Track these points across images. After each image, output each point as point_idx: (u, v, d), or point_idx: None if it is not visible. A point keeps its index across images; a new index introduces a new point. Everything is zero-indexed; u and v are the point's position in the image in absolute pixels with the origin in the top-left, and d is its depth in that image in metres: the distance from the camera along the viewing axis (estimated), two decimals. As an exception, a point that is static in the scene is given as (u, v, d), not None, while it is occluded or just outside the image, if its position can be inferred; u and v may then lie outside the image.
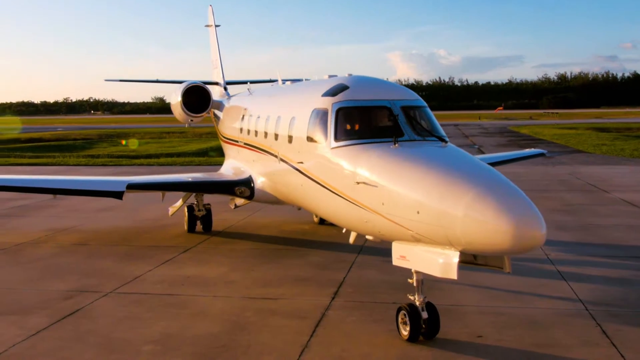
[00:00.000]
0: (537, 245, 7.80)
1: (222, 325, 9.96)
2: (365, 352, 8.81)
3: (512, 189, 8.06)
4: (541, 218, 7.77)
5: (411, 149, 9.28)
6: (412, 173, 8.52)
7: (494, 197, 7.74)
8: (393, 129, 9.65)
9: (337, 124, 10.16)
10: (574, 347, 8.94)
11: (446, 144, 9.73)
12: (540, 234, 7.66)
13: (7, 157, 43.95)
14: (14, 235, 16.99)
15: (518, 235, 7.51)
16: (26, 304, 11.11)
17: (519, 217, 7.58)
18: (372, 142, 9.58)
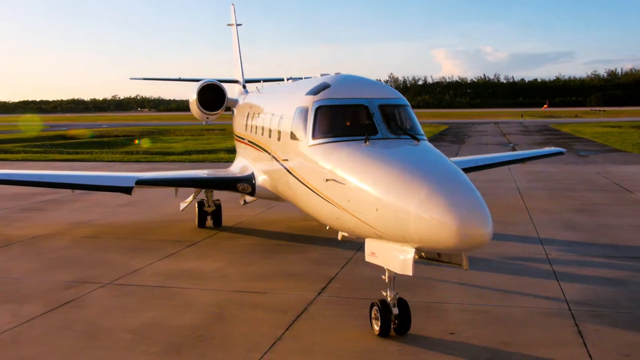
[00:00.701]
0: (482, 243, 7.88)
1: (203, 316, 10.28)
2: (334, 346, 8.99)
3: (466, 189, 8.15)
4: (488, 217, 7.85)
5: (380, 147, 9.42)
6: (374, 171, 8.68)
7: (444, 196, 7.85)
8: (368, 127, 9.81)
9: (315, 122, 10.38)
10: (543, 346, 8.93)
11: (419, 142, 9.80)
12: (485, 232, 7.74)
13: (47, 152, 45.53)
14: (35, 228, 17.73)
15: (463, 233, 7.61)
16: (26, 292, 11.66)
17: (464, 215, 7.67)
18: (345, 140, 9.76)
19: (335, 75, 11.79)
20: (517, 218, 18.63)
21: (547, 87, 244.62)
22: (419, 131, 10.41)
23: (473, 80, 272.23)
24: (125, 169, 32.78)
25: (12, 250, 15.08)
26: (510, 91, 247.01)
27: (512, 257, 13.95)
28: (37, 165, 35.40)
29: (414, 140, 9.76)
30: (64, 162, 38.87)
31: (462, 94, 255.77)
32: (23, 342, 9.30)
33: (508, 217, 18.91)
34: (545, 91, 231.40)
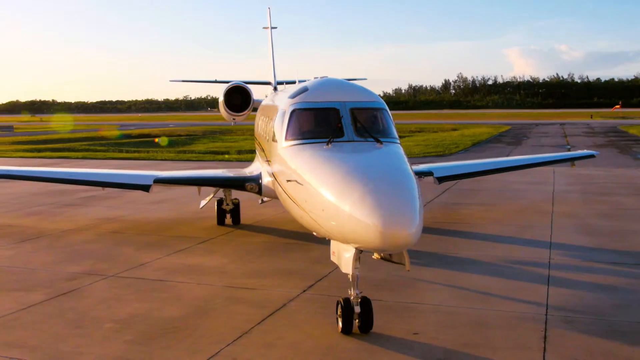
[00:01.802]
0: (405, 244, 8.07)
1: (187, 309, 10.82)
2: (297, 341, 9.32)
3: (399, 192, 8.34)
4: (412, 219, 8.02)
5: (339, 149, 9.69)
6: (324, 172, 8.99)
7: (374, 197, 8.09)
8: (336, 130, 10.09)
9: (289, 124, 10.75)
10: (503, 349, 8.96)
11: (381, 145, 9.99)
12: (407, 233, 7.92)
13: (106, 151, 47.67)
14: (66, 223, 18.84)
15: (386, 234, 7.86)
16: (35, 282, 12.53)
17: (387, 217, 7.89)
18: (311, 143, 10.09)
19: (321, 78, 12.10)
20: (536, 222, 18.35)
21: (624, 86, 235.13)
22: (389, 134, 10.62)
23: (545, 80, 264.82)
24: (168, 167, 33.94)
25: (39, 243, 16.14)
26: (584, 91, 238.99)
27: (511, 261, 13.84)
28: (84, 164, 37.21)
29: (377, 143, 9.96)
30: (118, 160, 40.68)
31: (533, 94, 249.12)
32: (17, 326, 10.07)
33: (528, 220, 18.69)
34: (622, 91, 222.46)
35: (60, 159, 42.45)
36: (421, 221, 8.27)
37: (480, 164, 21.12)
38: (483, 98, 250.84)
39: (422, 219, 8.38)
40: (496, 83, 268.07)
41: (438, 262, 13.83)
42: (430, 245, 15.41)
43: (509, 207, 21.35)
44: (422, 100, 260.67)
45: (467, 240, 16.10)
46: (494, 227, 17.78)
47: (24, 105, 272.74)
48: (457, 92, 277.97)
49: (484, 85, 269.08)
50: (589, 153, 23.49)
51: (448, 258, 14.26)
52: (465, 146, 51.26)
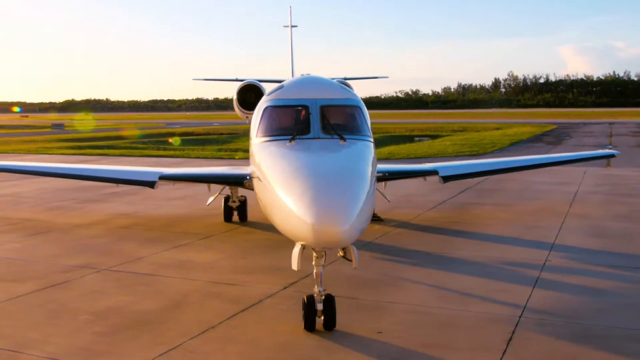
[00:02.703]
0: (335, 241, 8.08)
1: (164, 303, 11.03)
2: (258, 337, 9.39)
3: (339, 189, 8.32)
4: (346, 217, 8.02)
5: (299, 146, 9.73)
6: (278, 168, 9.07)
7: (312, 194, 8.13)
8: (303, 127, 10.13)
9: (260, 121, 10.87)
10: (462, 350, 8.82)
11: (344, 142, 9.98)
12: (339, 230, 7.91)
13: (143, 149, 48.81)
14: (80, 218, 19.42)
15: (317, 231, 7.91)
16: (31, 274, 12.97)
17: (320, 214, 7.93)
18: (276, 140, 10.16)
19: (301, 76, 12.16)
20: (546, 223, 17.93)
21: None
22: (359, 132, 10.60)
23: (600, 78, 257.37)
24: (197, 164, 34.47)
25: (48, 237, 16.69)
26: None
27: (505, 262, 13.59)
28: (118, 161, 38.19)
29: (341, 141, 9.96)
30: (153, 158, 41.58)
31: (587, 92, 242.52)
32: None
33: (538, 221, 18.28)
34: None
35: (99, 156, 43.67)
36: (361, 220, 8.26)
37: (487, 164, 20.74)
38: (534, 97, 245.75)
39: (366, 218, 8.38)
40: (548, 81, 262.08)
41: (429, 262, 13.68)
42: (428, 245, 15.29)
43: (524, 207, 20.92)
44: (471, 99, 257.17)
45: (467, 241, 15.86)
46: (500, 227, 17.45)
47: (79, 103, 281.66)
48: (507, 90, 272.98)
49: (536, 83, 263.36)
50: (609, 153, 22.75)
51: (441, 258, 14.09)
52: (502, 145, 50.36)
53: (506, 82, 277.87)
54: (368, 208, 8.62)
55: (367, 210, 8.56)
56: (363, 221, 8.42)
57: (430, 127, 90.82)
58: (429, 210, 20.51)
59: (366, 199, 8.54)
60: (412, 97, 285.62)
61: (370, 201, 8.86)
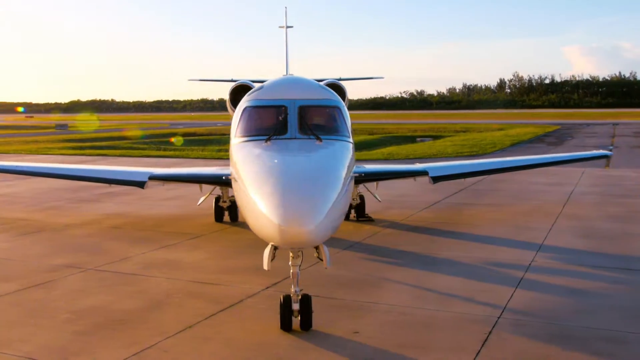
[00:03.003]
0: (301, 241, 8.11)
1: (145, 302, 11.04)
2: (234, 336, 9.40)
3: (307, 189, 8.34)
4: (313, 218, 8.06)
5: (274, 146, 9.75)
6: (251, 168, 9.08)
7: (280, 195, 8.18)
8: (280, 127, 10.15)
9: (239, 121, 10.89)
10: (435, 350, 8.81)
11: (320, 142, 9.98)
12: (305, 230, 7.94)
13: (143, 149, 48.92)
14: (73, 218, 19.48)
15: (284, 231, 7.96)
16: (17, 273, 13.00)
17: (286, 214, 7.99)
18: (254, 140, 10.17)
19: (282, 76, 12.17)
20: (537, 223, 17.87)
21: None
22: (337, 132, 10.61)
23: (606, 79, 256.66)
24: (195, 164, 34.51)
25: (39, 236, 16.74)
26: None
27: (490, 262, 13.56)
28: (118, 161, 38.29)
29: (317, 141, 9.97)
30: (152, 158, 41.68)
31: (592, 93, 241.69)
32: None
33: (529, 222, 18.23)
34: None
35: (99, 156, 43.78)
36: (330, 220, 8.28)
37: (477, 164, 20.69)
38: (539, 97, 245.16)
39: (337, 218, 8.41)
40: (553, 82, 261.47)
41: (415, 263, 13.67)
42: (415, 246, 15.27)
43: (517, 208, 20.87)
44: (476, 100, 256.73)
45: (456, 241, 15.84)
46: (491, 228, 17.42)
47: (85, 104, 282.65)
48: (513, 91, 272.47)
49: (541, 84, 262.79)
50: (603, 153, 22.64)
51: (427, 258, 14.07)
52: (502, 146, 50.28)
53: (511, 82, 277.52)
54: (339, 208, 8.62)
55: (338, 211, 8.56)
56: (332, 221, 8.42)
57: (434, 127, 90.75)
58: (421, 210, 20.49)
59: (337, 199, 8.53)
60: (416, 97, 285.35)
61: (343, 201, 8.85)
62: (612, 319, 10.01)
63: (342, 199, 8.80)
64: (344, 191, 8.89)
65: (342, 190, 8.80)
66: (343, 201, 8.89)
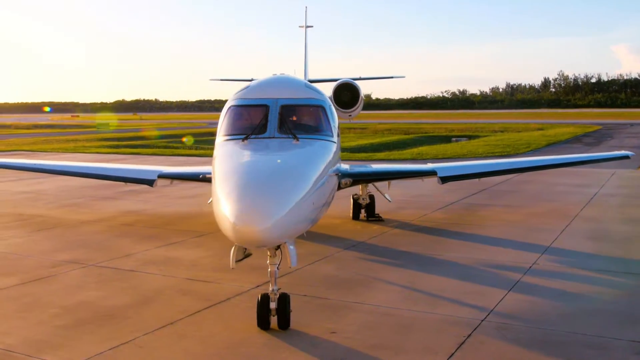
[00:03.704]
0: (256, 241, 8.10)
1: (135, 298, 11.20)
2: (211, 334, 9.45)
3: (265, 189, 8.31)
4: (266, 217, 8.06)
5: (251, 145, 9.79)
6: (222, 168, 9.11)
7: (237, 194, 8.24)
8: (261, 126, 10.15)
9: (224, 120, 10.94)
10: (407, 352, 8.67)
11: (297, 141, 9.94)
12: (257, 230, 7.94)
13: (165, 147, 49.74)
14: (90, 215, 19.90)
15: (237, 230, 8.01)
16: (20, 268, 13.35)
17: (239, 213, 8.04)
18: (234, 139, 10.20)
19: (269, 76, 12.17)
20: (551, 225, 17.45)
21: None
22: (319, 131, 10.61)
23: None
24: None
25: (50, 233, 17.16)
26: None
27: (490, 264, 13.30)
28: (148, 160, 38.93)
29: (294, 140, 9.93)
30: (179, 157, 42.25)
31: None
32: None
33: (543, 223, 17.82)
34: None
35: (131, 155, 44.62)
36: (290, 220, 8.25)
37: (487, 165, 20.30)
38: (585, 97, 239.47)
39: (300, 218, 8.42)
40: (600, 81, 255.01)
41: (413, 263, 13.51)
42: (419, 246, 15.08)
43: (534, 209, 20.41)
44: (519, 100, 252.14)
45: (462, 242, 15.60)
46: (501, 229, 17.09)
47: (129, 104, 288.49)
48: (557, 90, 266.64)
49: (587, 83, 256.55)
50: (624, 154, 21.90)
51: (427, 259, 13.90)
52: (537, 146, 49.31)
53: (556, 81, 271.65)
54: (304, 208, 8.55)
55: (303, 210, 8.49)
56: (294, 221, 8.37)
57: (471, 127, 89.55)
58: (435, 211, 20.24)
59: (303, 199, 8.49)
60: (458, 97, 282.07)
61: (311, 201, 8.78)
62: (601, 324, 9.70)
63: (310, 199, 8.74)
64: (313, 191, 8.81)
65: (310, 190, 8.74)
66: (312, 201, 8.80)
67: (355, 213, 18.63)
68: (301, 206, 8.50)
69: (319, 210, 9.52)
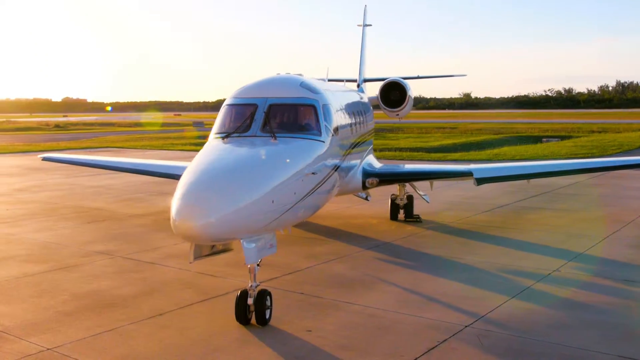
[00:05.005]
0: (194, 236, 8.27)
1: (140, 289, 11.71)
2: (190, 326, 9.73)
3: (214, 187, 8.47)
4: (207, 214, 8.26)
5: (228, 144, 9.92)
6: (191, 165, 9.28)
7: (184, 190, 8.48)
8: (247, 125, 10.29)
9: (218, 119, 11.15)
10: (372, 355, 8.54)
11: (275, 140, 9.96)
12: (195, 225, 8.08)
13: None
14: (142, 209, 20.89)
15: (176, 225, 8.29)
16: (55, 256, 14.26)
17: (180, 209, 8.28)
18: (218, 137, 10.39)
19: (277, 75, 12.29)
20: (596, 231, 16.52)
21: None
22: (304, 130, 10.67)
23: None
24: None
25: (97, 225, 18.18)
26: None
27: (508, 270, 12.81)
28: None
29: (272, 139, 9.97)
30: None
31: None
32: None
33: (588, 229, 16.93)
34: None
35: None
36: (236, 217, 8.33)
37: (525, 167, 19.40)
38: None
39: (258, 218, 8.54)
40: None
41: (426, 266, 13.26)
42: (442, 249, 14.75)
43: (589, 214, 19.37)
44: (630, 98, 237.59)
45: (488, 246, 15.10)
46: (539, 234, 16.36)
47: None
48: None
49: None
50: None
51: (443, 262, 13.59)
52: (630, 148, 46.63)
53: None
54: (258, 207, 8.57)
55: (253, 209, 8.51)
56: (242, 219, 8.42)
57: (568, 127, 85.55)
58: (480, 213, 19.64)
59: (256, 197, 8.54)
60: (563, 96, 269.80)
61: (270, 200, 8.77)
62: (592, 337, 9.14)
63: (270, 197, 8.76)
64: (273, 190, 8.82)
65: (270, 189, 8.77)
66: (271, 199, 8.79)
67: (393, 213, 18.43)
68: (254, 204, 8.56)
69: (291, 209, 9.41)
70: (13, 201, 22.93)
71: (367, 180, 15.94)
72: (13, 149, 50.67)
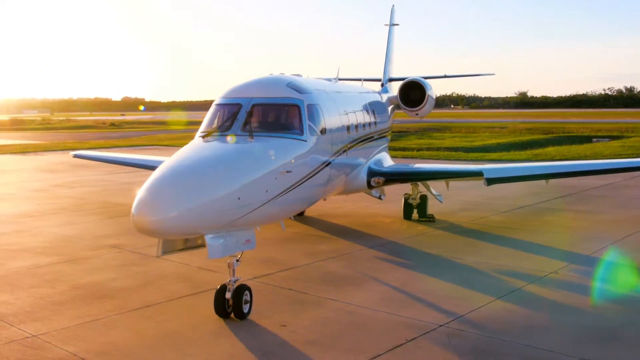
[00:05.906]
0: (150, 231, 8.60)
1: (136, 282, 12.16)
2: (172, 318, 10.09)
3: (174, 183, 8.73)
4: (164, 209, 8.56)
5: (204, 142, 10.15)
6: (164, 163, 9.56)
7: (145, 187, 8.73)
8: (228, 124, 10.53)
9: (205, 118, 11.43)
10: (335, 350, 8.70)
11: (251, 139, 10.15)
12: (150, 220, 8.37)
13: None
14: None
15: (134, 220, 8.56)
16: (67, 249, 14.89)
17: (138, 203, 8.51)
18: (201, 136, 10.67)
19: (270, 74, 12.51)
20: (612, 234, 16.12)
21: None
22: (287, 129, 10.90)
23: None
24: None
25: (117, 220, 18.80)
26: None
27: (503, 271, 12.70)
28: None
29: (248, 138, 10.17)
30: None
31: None
32: (6, 280, 12.34)
33: (604, 232, 16.55)
34: None
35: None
36: (197, 215, 8.56)
37: (535, 167, 18.97)
38: None
39: (219, 214, 8.78)
40: None
41: (422, 265, 13.27)
42: (445, 249, 14.67)
43: (610, 216, 18.87)
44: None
45: (493, 247, 14.94)
46: (550, 236, 16.07)
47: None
48: None
49: None
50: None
51: (442, 262, 13.57)
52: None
53: None
54: (221, 204, 8.77)
55: (215, 206, 8.70)
56: (202, 215, 8.63)
57: (622, 127, 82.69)
58: (497, 214, 19.40)
59: (219, 194, 8.75)
60: (624, 94, 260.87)
61: (235, 197, 8.95)
62: (562, 339, 9.04)
63: (235, 195, 8.95)
64: (239, 187, 9.01)
65: (236, 187, 8.97)
66: (236, 196, 8.97)
67: (406, 213, 18.40)
68: (216, 201, 8.78)
69: (262, 207, 9.55)
70: (48, 196, 23.93)
71: (372, 179, 15.98)
72: (63, 146, 52.61)
